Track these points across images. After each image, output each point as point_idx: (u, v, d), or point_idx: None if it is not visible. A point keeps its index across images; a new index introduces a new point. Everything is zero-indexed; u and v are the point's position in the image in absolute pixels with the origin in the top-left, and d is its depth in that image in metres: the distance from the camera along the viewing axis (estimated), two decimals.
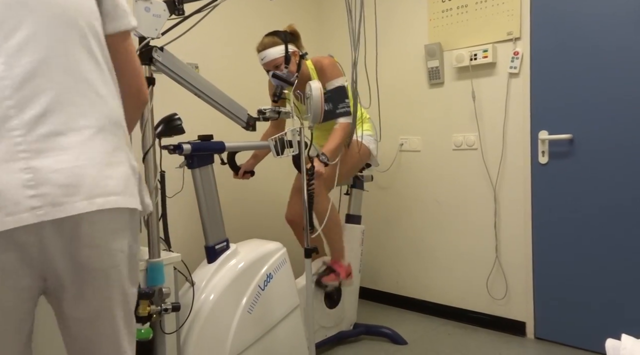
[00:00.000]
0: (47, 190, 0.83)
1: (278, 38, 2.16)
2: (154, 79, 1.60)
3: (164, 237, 1.75)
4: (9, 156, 0.82)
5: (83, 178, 0.87)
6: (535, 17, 2.37)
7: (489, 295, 2.61)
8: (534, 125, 2.40)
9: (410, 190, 2.91)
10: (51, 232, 0.86)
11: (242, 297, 1.87)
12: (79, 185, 0.86)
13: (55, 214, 0.84)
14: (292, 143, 1.84)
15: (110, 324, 0.99)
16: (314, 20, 3.26)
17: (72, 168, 0.87)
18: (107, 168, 0.92)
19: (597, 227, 2.24)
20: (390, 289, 3.05)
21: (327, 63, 2.23)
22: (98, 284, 0.94)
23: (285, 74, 2.14)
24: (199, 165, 1.89)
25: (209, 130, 2.08)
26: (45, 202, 0.83)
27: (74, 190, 0.86)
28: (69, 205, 0.85)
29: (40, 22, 0.88)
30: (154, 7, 1.51)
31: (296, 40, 2.24)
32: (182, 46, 1.78)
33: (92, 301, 0.95)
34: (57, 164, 0.85)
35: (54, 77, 0.88)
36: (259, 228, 2.75)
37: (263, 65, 2.19)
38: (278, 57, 2.13)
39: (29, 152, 0.83)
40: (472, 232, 2.67)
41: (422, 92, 2.82)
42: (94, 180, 0.89)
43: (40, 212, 0.83)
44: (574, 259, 2.32)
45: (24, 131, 0.83)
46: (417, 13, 2.80)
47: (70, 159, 0.87)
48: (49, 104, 0.87)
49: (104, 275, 0.95)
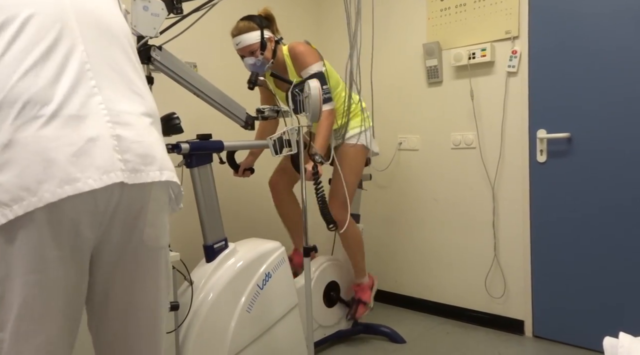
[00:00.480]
0: (129, 157, 0.95)
1: (254, 23, 2.09)
2: (153, 78, 1.60)
3: None
4: (99, 125, 0.93)
5: (155, 152, 1.00)
6: (533, 16, 2.37)
7: (487, 293, 2.62)
8: (533, 124, 2.41)
9: (409, 189, 2.91)
10: (127, 198, 0.95)
11: (240, 296, 1.87)
12: (154, 157, 0.99)
13: (135, 179, 0.95)
14: (290, 142, 1.84)
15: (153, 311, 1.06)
16: (313, 18, 3.26)
17: (147, 142, 0.99)
18: (164, 151, 1.05)
19: (595, 225, 2.25)
20: (389, 288, 3.05)
21: (300, 50, 2.14)
22: (152, 263, 1.04)
23: (260, 62, 2.10)
24: (197, 165, 1.89)
25: (208, 129, 2.08)
26: (127, 167, 0.94)
27: (150, 160, 0.98)
28: (145, 174, 0.97)
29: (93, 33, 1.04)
30: (152, 5, 1.51)
31: (271, 25, 2.19)
32: (181, 45, 1.78)
33: (143, 283, 1.04)
34: (135, 137, 0.97)
35: (111, 74, 1.01)
36: (257, 227, 2.75)
37: (238, 50, 2.13)
38: (254, 42, 2.07)
39: (112, 123, 0.95)
40: (470, 231, 2.67)
41: (421, 91, 2.82)
42: (162, 156, 1.02)
43: (125, 175, 0.93)
44: (572, 257, 2.32)
45: (107, 105, 0.96)
46: (415, 12, 2.80)
47: (143, 134, 1.00)
48: (115, 90, 1.00)
49: (157, 255, 1.05)
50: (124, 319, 1.04)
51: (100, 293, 1.02)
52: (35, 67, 0.91)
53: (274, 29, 2.21)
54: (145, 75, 1.15)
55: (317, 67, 2.12)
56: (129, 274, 1.02)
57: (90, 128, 0.92)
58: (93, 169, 0.90)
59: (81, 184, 0.89)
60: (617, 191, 2.18)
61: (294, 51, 2.16)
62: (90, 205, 0.92)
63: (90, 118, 0.93)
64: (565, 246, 2.34)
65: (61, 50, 0.95)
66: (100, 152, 0.92)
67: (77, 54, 0.96)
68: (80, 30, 0.99)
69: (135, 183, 0.95)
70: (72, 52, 0.96)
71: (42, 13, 0.95)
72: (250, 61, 2.10)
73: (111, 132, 0.94)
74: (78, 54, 0.96)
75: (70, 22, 0.98)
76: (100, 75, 0.98)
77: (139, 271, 1.03)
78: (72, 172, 0.88)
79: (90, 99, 0.94)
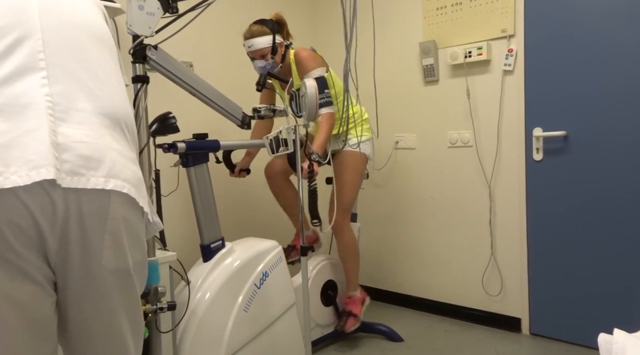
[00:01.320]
0: (68, 157, 0.83)
1: (267, 27, 2.16)
2: (148, 78, 1.60)
3: (159, 236, 1.75)
4: (40, 117, 0.83)
5: (104, 157, 0.87)
6: (529, 15, 2.37)
7: (484, 291, 2.62)
8: (529, 122, 2.41)
9: (406, 188, 2.92)
10: (75, 210, 0.84)
11: (238, 295, 1.87)
12: (100, 161, 0.86)
13: (71, 183, 0.82)
14: (287, 141, 1.84)
15: (117, 336, 0.97)
16: (309, 17, 3.26)
17: (96, 144, 0.87)
18: (121, 159, 0.92)
19: (591, 223, 2.26)
20: (387, 287, 3.05)
21: (304, 55, 2.22)
22: (111, 287, 0.92)
23: (270, 65, 2.16)
24: (193, 164, 1.89)
25: (204, 128, 2.08)
26: (64, 168, 0.82)
27: (95, 164, 0.86)
28: (85, 179, 0.84)
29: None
30: (147, 5, 1.51)
31: (282, 30, 2.25)
32: (176, 44, 1.78)
33: (96, 306, 0.92)
34: (82, 137, 0.86)
35: (72, 69, 0.93)
36: (254, 226, 2.75)
37: (249, 53, 2.19)
38: (265, 47, 2.14)
39: (56, 119, 0.85)
40: (467, 229, 2.67)
41: (417, 89, 2.83)
42: (113, 163, 0.89)
43: (60, 176, 0.81)
44: (568, 255, 2.33)
45: (54, 99, 0.86)
46: (411, 11, 2.80)
47: (93, 136, 0.88)
48: (72, 86, 0.91)
49: (119, 280, 0.93)
50: (82, 348, 0.95)
51: (62, 320, 0.92)
52: None
53: (285, 33, 2.26)
54: (132, 76, 1.09)
55: (319, 72, 2.18)
56: (84, 299, 0.91)
57: (28, 119, 0.82)
58: (21, 162, 0.78)
59: (1, 179, 0.76)
60: (614, 189, 2.19)
61: (298, 56, 2.23)
62: (16, 207, 0.79)
63: (31, 109, 0.83)
64: (562, 244, 2.35)
65: (11, 37, 0.87)
66: (34, 144, 0.80)
67: (29, 42, 0.88)
68: (42, 22, 0.92)
69: (76, 188, 0.82)
70: (23, 39, 0.88)
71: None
72: (260, 64, 2.16)
73: (52, 126, 0.83)
74: (31, 42, 0.88)
75: (31, 16, 0.91)
76: (57, 67, 0.90)
77: (94, 296, 0.91)
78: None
79: (35, 89, 0.85)
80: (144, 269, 1.03)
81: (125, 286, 0.95)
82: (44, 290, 0.88)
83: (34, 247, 0.84)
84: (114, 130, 0.94)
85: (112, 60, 1.03)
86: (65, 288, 0.90)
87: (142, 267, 1.01)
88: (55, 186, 0.80)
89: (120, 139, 0.95)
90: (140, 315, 1.04)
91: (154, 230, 1.04)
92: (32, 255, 0.84)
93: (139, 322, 1.03)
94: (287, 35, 2.28)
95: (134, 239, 0.95)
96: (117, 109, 0.97)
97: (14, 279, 0.83)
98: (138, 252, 0.97)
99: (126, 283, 0.95)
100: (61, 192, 0.82)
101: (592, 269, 2.26)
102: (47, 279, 0.88)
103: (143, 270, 1.02)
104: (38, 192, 0.80)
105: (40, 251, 0.85)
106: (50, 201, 0.82)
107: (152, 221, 1.01)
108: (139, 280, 1.00)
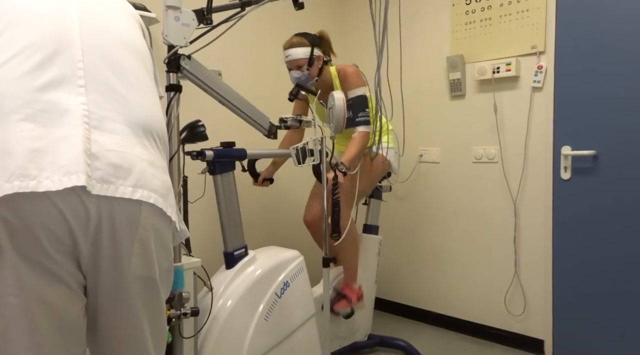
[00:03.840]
0: (100, 165, 0.84)
1: (306, 39, 2.20)
2: (181, 87, 1.63)
3: (184, 242, 1.78)
4: (75, 125, 0.85)
5: (134, 166, 0.89)
6: (560, 31, 2.35)
7: (507, 311, 2.58)
8: (557, 140, 2.37)
9: (429, 202, 2.90)
10: (107, 217, 0.86)
11: (259, 304, 1.88)
12: (129, 170, 0.88)
13: (101, 190, 0.84)
14: (313, 152, 1.85)
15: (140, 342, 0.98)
16: (338, 30, 3.29)
17: (126, 154, 0.89)
18: (150, 169, 0.93)
19: (619, 245, 2.20)
20: (407, 301, 3.02)
21: (350, 71, 2.25)
22: (137, 294, 0.94)
23: (305, 77, 2.17)
24: (220, 172, 1.91)
25: (230, 136, 2.11)
26: (95, 175, 0.83)
27: (124, 173, 0.87)
28: (114, 187, 0.85)
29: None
30: (183, 16, 1.54)
31: (324, 45, 2.27)
32: (206, 53, 1.81)
33: (126, 313, 0.95)
34: (113, 145, 0.88)
35: (108, 79, 0.95)
36: (277, 235, 2.77)
37: (286, 62, 2.22)
38: (302, 58, 2.17)
39: (90, 127, 0.86)
40: (491, 246, 2.64)
41: (443, 103, 2.82)
42: (142, 172, 0.90)
43: (90, 183, 0.83)
44: (595, 277, 2.27)
45: (89, 108, 0.88)
46: (440, 25, 2.80)
47: (124, 145, 0.90)
48: (107, 96, 0.93)
49: (143, 286, 0.95)
50: (109, 351, 0.98)
51: (91, 324, 0.95)
52: (15, 58, 0.85)
53: (326, 49, 2.29)
54: (165, 85, 1.10)
55: (362, 90, 2.23)
56: (111, 303, 0.93)
57: (63, 126, 0.84)
58: (55, 168, 0.80)
59: (35, 183, 0.78)
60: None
61: (344, 71, 2.26)
62: (51, 212, 0.81)
63: (67, 117, 0.85)
64: (588, 266, 2.29)
65: (52, 45, 0.90)
66: (67, 151, 0.82)
67: (69, 51, 0.91)
68: (81, 32, 0.94)
69: (105, 195, 0.84)
70: (64, 49, 0.90)
71: (35, 12, 0.91)
72: (296, 75, 2.19)
73: (86, 134, 0.85)
74: (71, 52, 0.91)
75: (72, 26, 0.94)
76: (93, 77, 0.92)
77: (120, 301, 0.93)
78: (28, 168, 0.78)
79: (72, 97, 0.87)
80: (170, 276, 1.05)
81: (150, 293, 0.97)
82: (76, 295, 0.90)
83: (68, 253, 0.86)
84: (145, 140, 0.96)
85: (146, 71, 1.06)
86: (95, 293, 0.92)
87: (169, 274, 1.03)
88: (88, 193, 0.83)
89: (151, 148, 0.97)
90: (164, 322, 1.05)
91: (181, 237, 1.06)
92: (65, 260, 0.86)
93: (162, 328, 1.05)
94: (328, 51, 2.30)
95: (162, 247, 0.97)
96: (149, 118, 0.99)
97: (49, 283, 0.85)
98: (165, 260, 0.99)
99: (151, 290, 0.97)
100: (94, 200, 0.84)
101: (619, 291, 2.20)
102: (78, 284, 0.90)
103: (169, 276, 1.04)
104: (72, 199, 0.82)
105: (73, 256, 0.87)
106: (84, 208, 0.84)
107: (179, 229, 1.03)
108: (164, 287, 1.02)
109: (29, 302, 0.83)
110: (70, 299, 0.89)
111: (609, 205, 2.23)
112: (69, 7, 0.97)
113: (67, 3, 0.98)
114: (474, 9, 2.64)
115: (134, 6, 1.19)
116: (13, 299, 0.82)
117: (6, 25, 0.89)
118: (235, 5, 1.71)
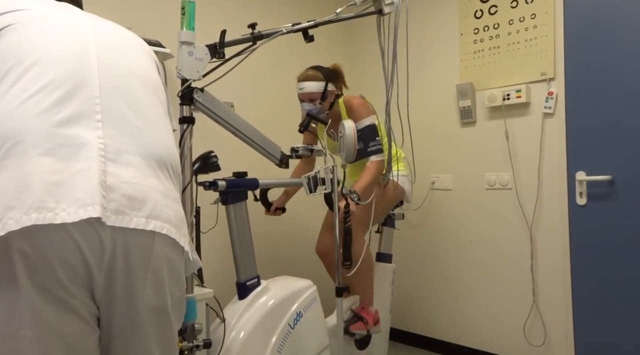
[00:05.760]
0: (115, 197, 0.87)
1: (321, 73, 2.22)
2: (194, 119, 1.66)
3: (197, 273, 1.77)
4: (91, 158, 0.88)
5: (148, 198, 0.91)
6: (569, 58, 2.36)
7: (526, 341, 2.50)
8: (571, 166, 2.35)
9: (442, 229, 2.87)
10: (122, 250, 0.88)
11: (272, 335, 1.85)
12: (143, 202, 0.90)
13: (115, 222, 0.86)
14: (324, 181, 1.86)
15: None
16: (347, 60, 3.34)
17: (141, 185, 0.92)
18: (164, 200, 0.95)
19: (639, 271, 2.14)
20: (422, 331, 2.96)
21: (356, 103, 2.27)
22: (148, 325, 0.95)
23: (316, 110, 2.19)
24: (232, 202, 1.92)
25: (242, 166, 2.12)
26: (110, 207, 0.85)
27: (138, 205, 0.89)
28: (128, 218, 0.87)
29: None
30: (196, 51, 1.59)
31: (337, 80, 2.30)
32: (219, 85, 1.85)
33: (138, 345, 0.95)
34: (128, 177, 0.90)
35: (124, 113, 0.98)
36: (289, 264, 2.75)
37: (299, 94, 2.25)
38: (316, 91, 2.20)
39: (106, 160, 0.89)
40: (507, 275, 2.58)
41: (454, 131, 2.82)
42: (155, 204, 0.92)
43: (105, 214, 0.84)
44: (616, 306, 2.20)
45: (106, 141, 0.91)
46: (448, 53, 2.84)
47: (139, 177, 0.92)
48: (123, 129, 0.96)
49: (155, 318, 0.96)
50: None
51: (104, 354, 0.95)
52: (37, 95, 0.89)
53: (339, 84, 2.32)
54: (179, 117, 1.15)
55: (370, 120, 2.24)
56: (124, 335, 0.94)
57: (81, 160, 0.86)
58: (71, 200, 0.82)
59: (52, 215, 0.80)
60: None
61: (349, 103, 2.28)
62: (67, 244, 0.82)
63: (85, 150, 0.88)
64: (609, 294, 2.23)
65: (72, 82, 0.93)
66: (84, 183, 0.84)
67: (88, 88, 0.95)
68: (99, 68, 0.98)
69: (120, 226, 0.86)
70: (83, 85, 0.94)
71: (57, 52, 0.95)
72: (308, 107, 2.22)
73: (102, 167, 0.87)
74: (90, 88, 0.95)
75: (91, 63, 0.98)
76: (110, 111, 0.95)
77: (133, 332, 0.94)
78: (46, 201, 0.80)
79: (90, 131, 0.90)
80: (182, 306, 1.05)
81: (162, 324, 0.98)
82: (90, 327, 0.91)
83: (82, 284, 0.87)
84: (159, 171, 0.99)
85: (160, 105, 1.10)
86: (109, 324, 0.93)
87: (181, 304, 1.04)
88: (103, 225, 0.84)
89: (165, 179, 1.00)
90: (175, 353, 1.05)
91: (193, 268, 1.07)
92: (80, 292, 0.87)
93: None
94: (340, 85, 2.33)
95: (175, 277, 0.98)
96: (163, 151, 1.02)
97: (63, 315, 0.86)
98: (177, 290, 1.00)
99: (163, 321, 0.98)
100: (109, 231, 0.86)
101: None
102: (92, 315, 0.91)
103: (181, 307, 1.05)
104: (87, 230, 0.84)
105: (88, 288, 0.88)
106: (99, 239, 0.86)
107: (192, 259, 1.04)
108: (176, 318, 1.02)
109: (44, 335, 0.84)
110: (85, 330, 0.90)
111: (627, 230, 2.18)
112: (87, 45, 1.02)
113: (86, 42, 1.02)
114: (482, 38, 2.67)
115: (149, 42, 1.24)
116: (28, 332, 0.82)
117: (32, 63, 0.93)
118: (247, 39, 1.76)
